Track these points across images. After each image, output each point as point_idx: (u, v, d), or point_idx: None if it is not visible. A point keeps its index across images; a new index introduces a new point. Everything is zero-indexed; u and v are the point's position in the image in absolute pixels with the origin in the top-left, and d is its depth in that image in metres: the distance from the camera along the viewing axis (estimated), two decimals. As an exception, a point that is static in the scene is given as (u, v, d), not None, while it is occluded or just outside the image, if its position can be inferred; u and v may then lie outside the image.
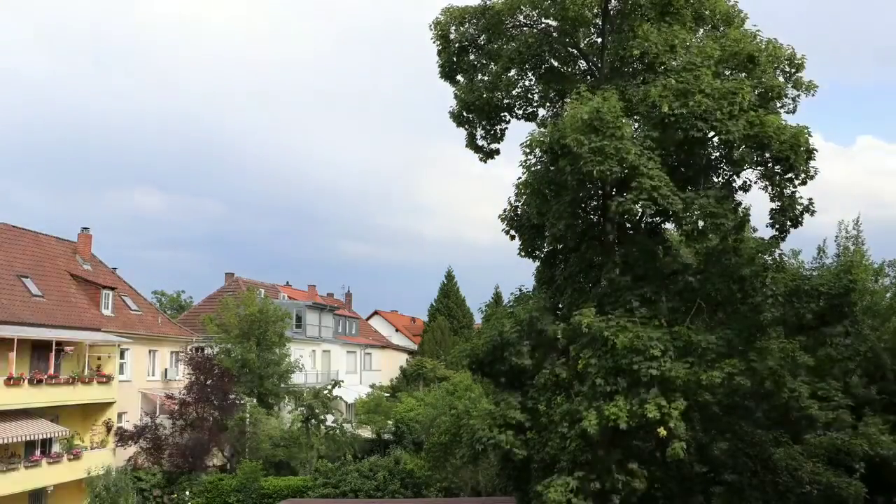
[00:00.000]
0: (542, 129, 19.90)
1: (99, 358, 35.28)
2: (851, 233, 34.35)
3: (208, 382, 37.74)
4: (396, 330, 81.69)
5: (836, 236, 34.58)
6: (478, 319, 46.36)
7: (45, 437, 31.21)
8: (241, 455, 38.14)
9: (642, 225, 20.71)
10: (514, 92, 21.91)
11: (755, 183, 19.52)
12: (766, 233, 20.04)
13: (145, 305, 44.71)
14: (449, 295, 72.21)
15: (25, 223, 38.35)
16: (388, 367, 68.69)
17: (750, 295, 18.78)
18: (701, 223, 18.74)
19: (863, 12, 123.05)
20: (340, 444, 40.91)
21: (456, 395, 39.14)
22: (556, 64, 21.84)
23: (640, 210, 19.74)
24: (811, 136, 18.21)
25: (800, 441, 22.05)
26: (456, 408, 28.95)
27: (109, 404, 35.51)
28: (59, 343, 32.71)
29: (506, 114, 22.30)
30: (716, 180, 20.19)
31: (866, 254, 33.42)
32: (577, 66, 22.12)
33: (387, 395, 52.41)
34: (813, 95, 19.43)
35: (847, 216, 76.66)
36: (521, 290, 22.59)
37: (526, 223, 21.10)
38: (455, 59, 21.97)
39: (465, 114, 22.08)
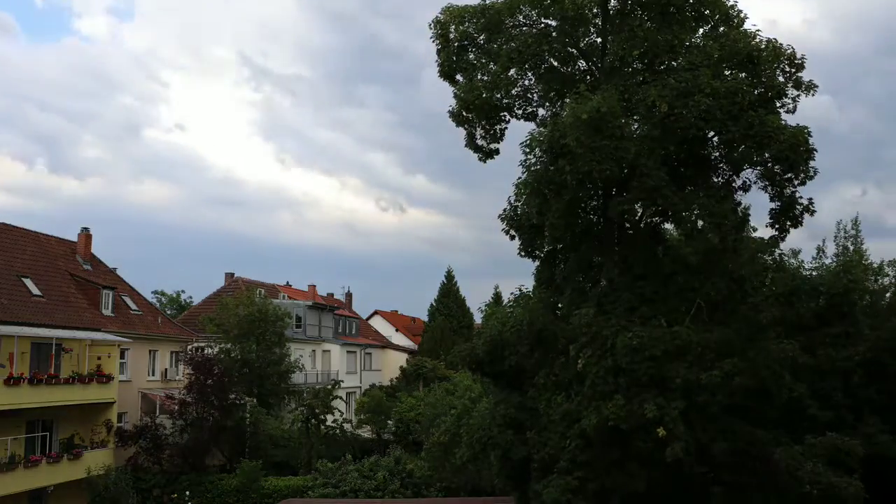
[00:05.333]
0: (541, 129, 19.86)
1: (99, 358, 35.26)
2: (850, 232, 34.37)
3: (208, 382, 37.74)
4: (396, 330, 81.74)
5: (836, 236, 34.60)
6: (478, 319, 46.33)
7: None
8: (241, 455, 38.13)
9: (642, 225, 20.68)
10: (513, 91, 21.81)
11: (755, 183, 19.49)
12: (766, 233, 20.05)
13: (145, 305, 44.71)
14: (449, 295, 72.21)
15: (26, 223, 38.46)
16: (388, 367, 68.68)
17: (750, 295, 18.75)
18: (701, 223, 18.71)
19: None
20: (340, 444, 40.90)
21: (456, 395, 39.13)
22: (555, 64, 21.78)
23: (640, 210, 19.77)
24: (811, 136, 18.21)
25: (800, 441, 22.01)
26: (456, 408, 28.93)
27: (109, 404, 35.50)
28: (59, 343, 32.71)
29: (505, 113, 22.20)
30: (716, 180, 20.16)
31: (865, 254, 33.45)
32: (576, 66, 22.05)
33: (387, 394, 52.38)
34: (813, 95, 19.39)
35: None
36: (520, 289, 22.58)
37: (525, 223, 21.03)
38: (454, 59, 21.90)
39: (464, 113, 21.99)
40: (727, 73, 19.04)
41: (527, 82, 21.96)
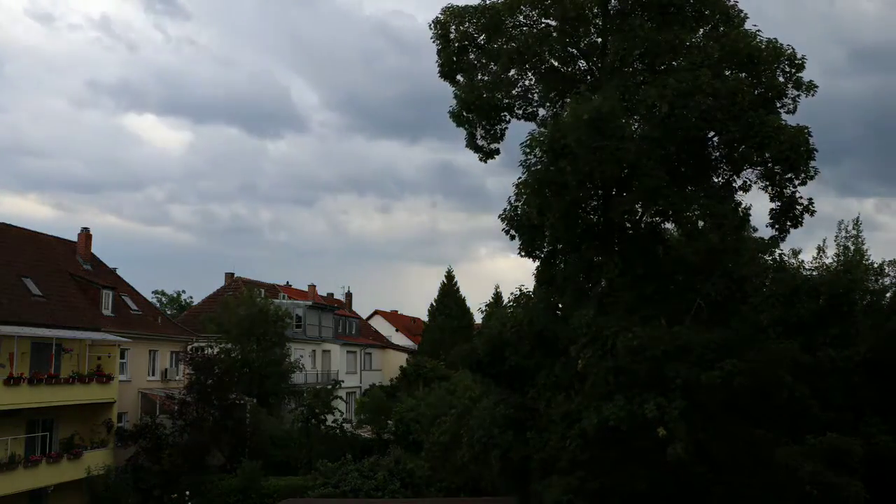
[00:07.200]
0: (542, 129, 19.87)
1: (99, 358, 35.25)
2: (851, 233, 34.41)
3: (208, 382, 37.73)
4: (396, 330, 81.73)
5: (836, 236, 34.65)
6: (478, 319, 46.37)
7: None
8: (241, 455, 38.12)
9: (642, 225, 20.68)
10: (513, 92, 21.85)
11: (755, 183, 19.54)
12: (766, 233, 20.08)
13: (145, 305, 44.69)
14: (449, 295, 72.21)
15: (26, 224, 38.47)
16: (388, 367, 68.66)
17: (750, 295, 18.77)
18: (701, 223, 18.73)
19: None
20: (340, 444, 40.88)
21: (456, 395, 39.13)
22: (556, 64, 21.80)
23: (641, 210, 19.78)
24: (811, 136, 18.23)
25: (800, 441, 22.01)
26: (456, 408, 28.94)
27: (109, 404, 35.48)
28: (59, 343, 32.69)
29: (506, 113, 22.23)
30: (716, 180, 20.19)
31: (866, 253, 33.49)
32: (577, 66, 22.07)
33: (386, 394, 52.39)
34: (813, 95, 19.40)
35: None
36: (521, 289, 22.58)
37: (526, 223, 21.01)
38: (455, 59, 21.92)
39: (464, 113, 22.02)
40: (727, 73, 19.09)
41: (527, 82, 22.01)
